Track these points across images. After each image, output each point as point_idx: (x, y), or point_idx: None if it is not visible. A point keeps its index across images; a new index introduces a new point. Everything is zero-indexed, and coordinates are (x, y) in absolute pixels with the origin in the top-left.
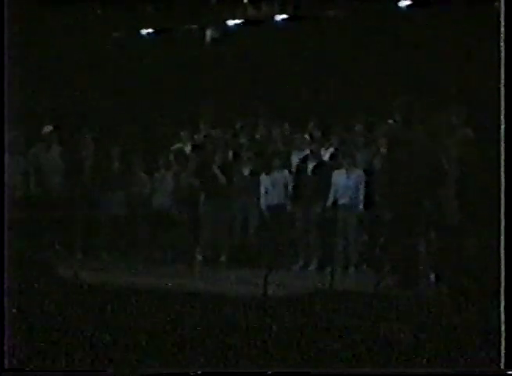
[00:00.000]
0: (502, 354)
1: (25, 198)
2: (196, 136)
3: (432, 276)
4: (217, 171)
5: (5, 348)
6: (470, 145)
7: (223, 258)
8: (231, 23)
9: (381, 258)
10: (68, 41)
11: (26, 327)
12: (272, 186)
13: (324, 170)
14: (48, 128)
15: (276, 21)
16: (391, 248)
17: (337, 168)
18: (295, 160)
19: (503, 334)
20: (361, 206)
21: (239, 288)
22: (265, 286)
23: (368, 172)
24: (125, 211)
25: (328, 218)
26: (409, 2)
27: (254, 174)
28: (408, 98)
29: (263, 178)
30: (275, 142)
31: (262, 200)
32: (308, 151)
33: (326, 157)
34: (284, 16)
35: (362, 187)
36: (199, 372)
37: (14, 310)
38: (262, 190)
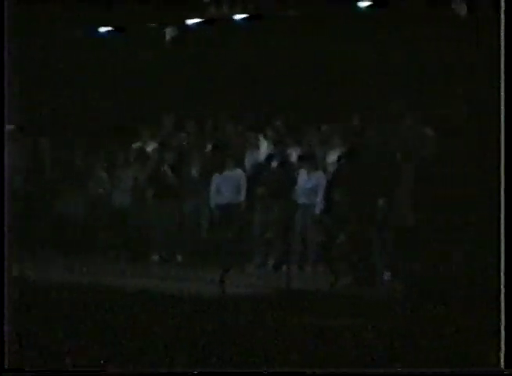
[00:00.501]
0: (502, 354)
1: None
2: (154, 136)
3: (387, 275)
4: (169, 172)
5: (5, 348)
6: (429, 146)
7: (179, 258)
8: (191, 22)
9: (338, 258)
10: (22, 40)
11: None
12: (228, 186)
13: (284, 170)
14: (8, 128)
15: (236, 20)
16: (347, 248)
17: (297, 169)
18: (253, 159)
19: (503, 334)
20: (319, 206)
21: (195, 287)
22: (222, 285)
23: (327, 173)
24: (82, 210)
25: (286, 217)
26: (369, 3)
27: (213, 173)
28: (370, 99)
29: (217, 177)
30: (232, 142)
31: (219, 200)
32: (268, 151)
33: (286, 157)
34: (244, 15)
35: (321, 188)
36: (195, 372)
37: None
38: (220, 189)
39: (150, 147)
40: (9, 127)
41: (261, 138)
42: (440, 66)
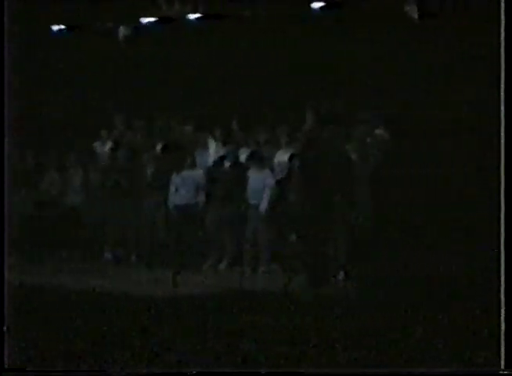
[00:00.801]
0: (502, 354)
1: None
2: (110, 135)
3: (341, 275)
4: (123, 172)
5: (5, 348)
6: (384, 145)
7: (133, 258)
8: (144, 21)
9: (291, 258)
10: None
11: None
12: (182, 185)
13: (235, 170)
14: None
15: (189, 20)
16: (300, 248)
17: (248, 169)
18: (204, 160)
19: (503, 334)
20: (269, 206)
21: (149, 287)
22: (175, 285)
23: (278, 173)
24: (35, 209)
25: (240, 217)
26: (321, 4)
27: (166, 173)
28: (321, 100)
29: (174, 177)
30: (186, 142)
31: (173, 199)
32: (219, 151)
33: (238, 157)
34: (197, 15)
35: (270, 188)
36: (194, 372)
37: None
38: (172, 189)
39: (103, 147)
40: None
41: (212, 138)
42: (396, 65)
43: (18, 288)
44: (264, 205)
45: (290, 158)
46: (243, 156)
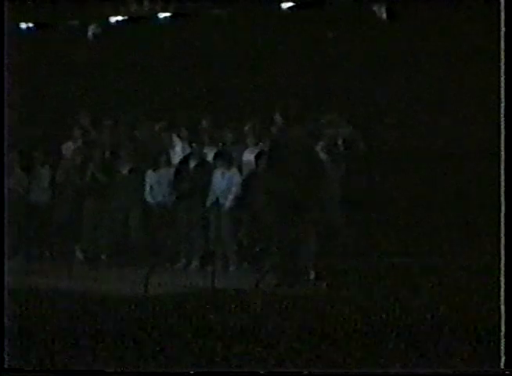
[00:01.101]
0: (502, 354)
1: None
2: (78, 134)
3: (312, 275)
4: (96, 169)
5: (5, 348)
6: (352, 144)
7: (104, 257)
8: (113, 19)
9: (261, 257)
10: None
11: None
12: (154, 185)
13: (203, 169)
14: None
15: (160, 18)
16: (271, 247)
17: (215, 168)
18: (176, 159)
19: (503, 334)
20: (237, 205)
21: (120, 287)
22: (146, 285)
23: (246, 172)
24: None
25: (208, 217)
26: (291, 4)
27: (134, 172)
28: (290, 98)
29: (148, 176)
30: (154, 141)
31: (146, 198)
32: (187, 150)
33: (205, 156)
34: (167, 13)
35: (237, 187)
36: (191, 372)
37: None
38: (147, 188)
39: (74, 145)
40: None
41: (178, 137)
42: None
43: None
44: (229, 203)
45: (257, 157)
46: (209, 155)
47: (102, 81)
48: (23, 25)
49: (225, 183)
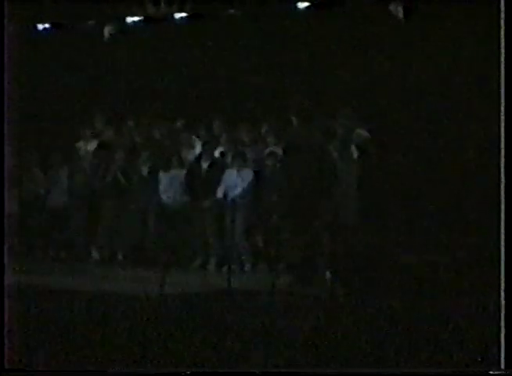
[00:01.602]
0: (503, 354)
1: None
2: (94, 135)
3: (328, 275)
4: (114, 170)
5: (5, 348)
6: (365, 145)
7: (120, 257)
8: (130, 20)
9: (277, 257)
10: None
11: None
12: (169, 185)
13: (217, 169)
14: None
15: (176, 19)
16: (287, 247)
17: (229, 167)
18: (189, 159)
19: (503, 334)
20: (252, 205)
21: (137, 287)
22: (163, 285)
23: (260, 172)
24: (22, 208)
25: (224, 217)
26: (307, 4)
27: (151, 173)
28: (303, 99)
29: (161, 176)
30: (170, 142)
31: (160, 199)
32: (200, 150)
33: (218, 155)
34: (183, 14)
35: (252, 187)
36: (188, 372)
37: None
38: (161, 189)
39: (90, 146)
40: None
41: (194, 137)
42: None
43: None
44: (244, 203)
45: (270, 157)
46: (220, 154)
47: (117, 82)
48: (40, 26)
49: (240, 183)
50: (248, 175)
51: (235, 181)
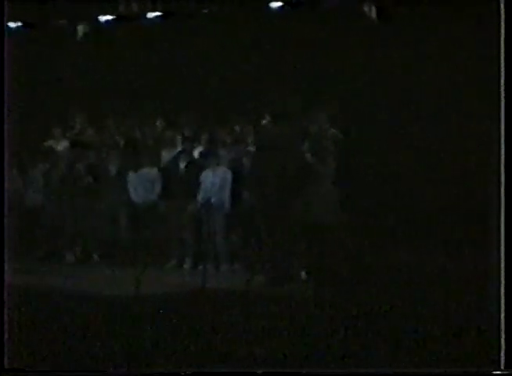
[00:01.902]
0: (503, 354)
1: None
2: (67, 134)
3: (303, 274)
4: (83, 170)
5: (5, 348)
6: (338, 144)
7: (95, 257)
8: (102, 19)
9: (252, 257)
10: None
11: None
12: (142, 184)
13: (194, 168)
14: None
15: (149, 18)
16: (262, 247)
17: (206, 167)
18: (166, 158)
19: (503, 334)
20: (228, 205)
21: (111, 287)
22: (137, 285)
23: (236, 171)
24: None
25: (198, 216)
26: (280, 4)
27: (125, 171)
28: (278, 97)
29: (133, 175)
30: (145, 140)
31: (133, 198)
32: (178, 149)
33: (195, 155)
34: (157, 13)
35: (228, 186)
36: (188, 372)
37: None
38: (132, 188)
39: (62, 145)
40: None
41: (170, 136)
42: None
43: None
44: (220, 203)
45: (243, 156)
46: (197, 154)
47: (92, 81)
48: (12, 24)
49: (217, 182)
50: (225, 174)
51: (212, 180)
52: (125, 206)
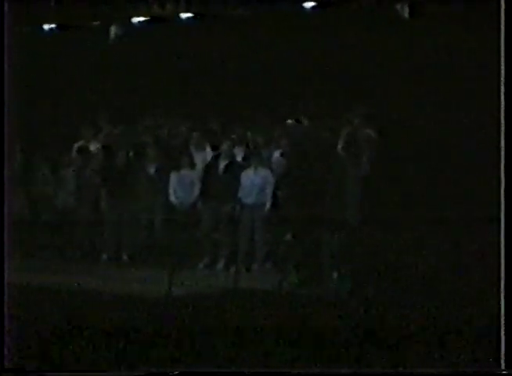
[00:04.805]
0: (503, 354)
1: None
2: (100, 135)
3: (335, 275)
4: (118, 171)
5: (5, 348)
6: (374, 145)
7: (126, 258)
8: (136, 20)
9: (286, 257)
10: None
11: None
12: (180, 185)
13: (232, 169)
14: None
15: (181, 19)
16: (295, 247)
17: (245, 168)
18: (203, 159)
19: (503, 334)
20: (267, 205)
21: (144, 287)
22: (170, 285)
23: (275, 172)
24: (28, 209)
25: (234, 217)
26: (313, 4)
27: (161, 172)
28: (314, 98)
29: (171, 176)
30: (182, 141)
31: (170, 199)
32: (217, 150)
33: (235, 156)
34: (189, 14)
35: (268, 186)
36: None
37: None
38: (170, 189)
39: (97, 146)
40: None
41: (209, 137)
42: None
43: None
44: (267, 204)
45: (281, 156)
46: (238, 155)
47: (125, 82)
48: (46, 26)
49: (257, 183)
50: (265, 175)
51: (251, 182)
52: (160, 207)
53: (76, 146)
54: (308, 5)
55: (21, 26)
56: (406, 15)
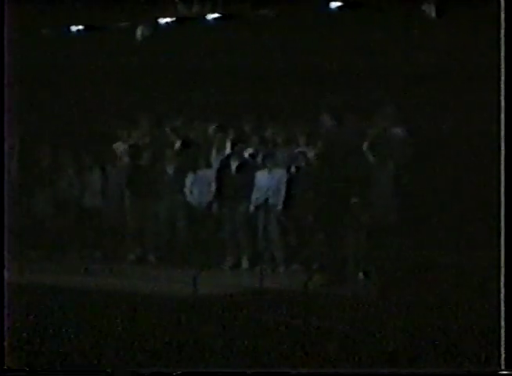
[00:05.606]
0: (503, 354)
1: None
2: (127, 136)
3: (360, 275)
4: (141, 171)
5: (5, 348)
6: (399, 145)
7: (152, 258)
8: (162, 21)
9: (310, 257)
10: None
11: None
12: (198, 185)
13: (248, 169)
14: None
15: (208, 20)
16: (319, 247)
17: (260, 168)
18: (219, 159)
19: (503, 334)
20: (282, 205)
21: (169, 287)
22: (195, 285)
23: (291, 172)
24: (54, 209)
25: (255, 217)
26: (339, 4)
27: (185, 172)
28: (339, 98)
29: (190, 176)
30: (202, 141)
31: (190, 199)
32: (230, 150)
33: (251, 156)
34: (215, 15)
35: (284, 187)
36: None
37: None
38: (188, 189)
39: (121, 147)
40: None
41: (225, 137)
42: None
43: (39, 287)
44: (278, 203)
45: (300, 156)
46: (253, 155)
47: (149, 83)
48: (73, 27)
49: (273, 183)
50: (281, 175)
51: (267, 181)
52: (183, 207)
53: (102, 147)
54: (335, 4)
55: (47, 27)
56: (433, 14)
